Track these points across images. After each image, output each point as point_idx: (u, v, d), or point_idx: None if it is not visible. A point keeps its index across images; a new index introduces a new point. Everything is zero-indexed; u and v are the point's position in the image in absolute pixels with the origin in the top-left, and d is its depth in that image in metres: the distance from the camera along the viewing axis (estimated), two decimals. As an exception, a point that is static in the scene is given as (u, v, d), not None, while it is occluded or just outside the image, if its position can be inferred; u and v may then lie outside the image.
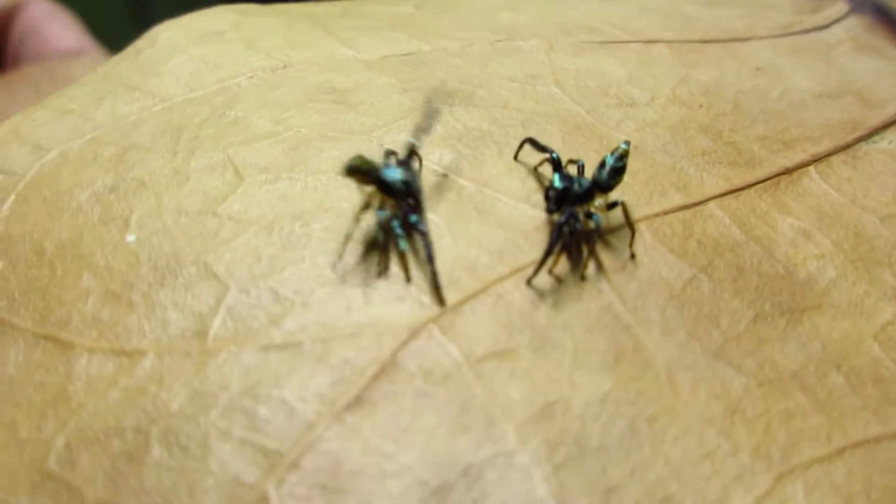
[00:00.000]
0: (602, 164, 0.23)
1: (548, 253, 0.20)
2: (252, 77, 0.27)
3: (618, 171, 0.22)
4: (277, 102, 0.26)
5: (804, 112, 0.27)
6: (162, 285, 0.20)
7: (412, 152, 0.23)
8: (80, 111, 0.26)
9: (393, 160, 0.23)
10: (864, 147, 0.26)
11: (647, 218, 0.22)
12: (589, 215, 0.21)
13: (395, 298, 0.20)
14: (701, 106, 0.27)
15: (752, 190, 0.24)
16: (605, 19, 0.32)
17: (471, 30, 0.31)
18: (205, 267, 0.20)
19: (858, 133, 0.26)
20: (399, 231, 0.21)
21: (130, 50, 0.29)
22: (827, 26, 0.32)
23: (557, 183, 0.22)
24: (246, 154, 0.24)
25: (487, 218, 0.22)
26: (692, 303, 0.20)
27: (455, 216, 0.22)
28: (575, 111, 0.26)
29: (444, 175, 0.23)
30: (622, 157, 0.22)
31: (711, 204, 0.23)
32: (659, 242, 0.21)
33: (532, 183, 0.23)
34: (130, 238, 0.21)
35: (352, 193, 0.23)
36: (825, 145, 0.26)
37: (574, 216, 0.21)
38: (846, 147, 0.26)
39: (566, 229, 0.20)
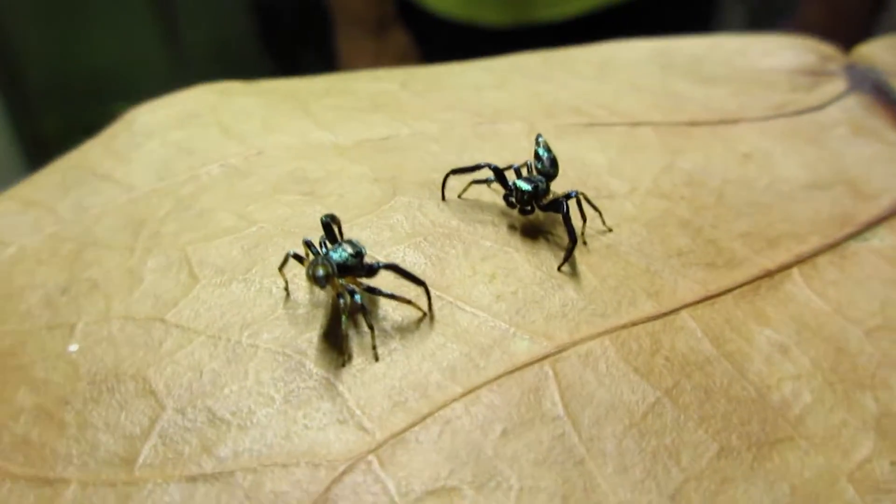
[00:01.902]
0: (538, 158, 0.25)
1: (573, 242, 0.22)
2: (223, 165, 0.27)
3: (554, 160, 0.25)
4: (245, 194, 0.25)
5: (792, 204, 0.26)
6: (97, 402, 0.19)
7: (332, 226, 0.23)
8: (44, 203, 0.25)
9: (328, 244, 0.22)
10: (854, 245, 0.25)
11: (614, 330, 0.21)
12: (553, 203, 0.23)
13: (337, 421, 0.19)
14: (682, 198, 0.26)
15: (729, 296, 0.23)
16: (594, 99, 0.31)
17: (453, 110, 0.30)
18: (143, 383, 0.20)
19: (848, 230, 0.25)
20: (360, 301, 0.20)
21: (106, 133, 0.29)
22: (823, 106, 0.31)
23: (525, 186, 0.24)
24: (204, 252, 0.23)
25: (444, 328, 0.21)
26: (653, 433, 0.19)
27: (410, 328, 0.21)
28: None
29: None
30: (547, 147, 0.25)
31: (684, 313, 0.22)
32: (623, 360, 0.20)
33: (497, 286, 0.22)
34: (73, 348, 0.21)
35: (308, 297, 0.22)
36: (812, 243, 0.24)
37: (568, 201, 0.23)
38: (834, 245, 0.24)
39: (566, 208, 0.22)
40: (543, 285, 0.22)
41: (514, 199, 0.24)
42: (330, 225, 0.23)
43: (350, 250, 0.22)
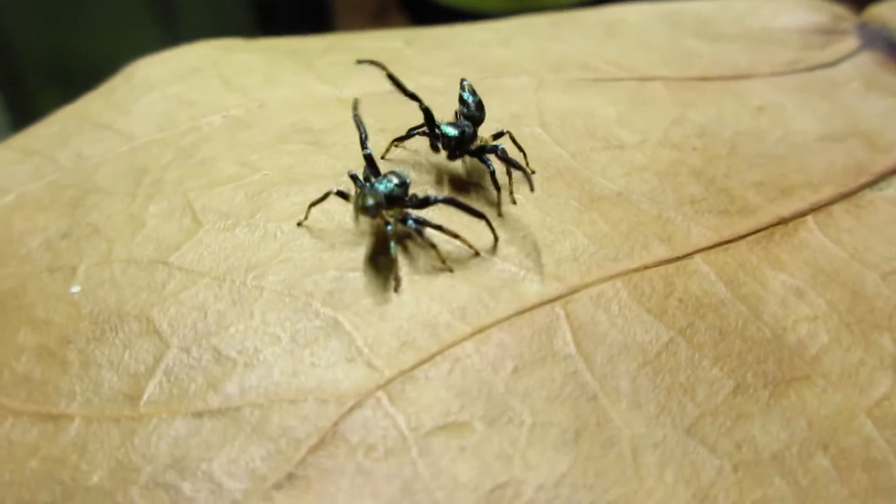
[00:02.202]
0: (463, 102, 0.25)
1: (498, 190, 0.22)
2: (225, 116, 0.26)
3: (480, 104, 0.24)
4: (247, 143, 0.25)
5: (805, 156, 0.26)
6: (100, 342, 0.19)
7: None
8: (44, 151, 0.25)
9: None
10: (869, 195, 0.24)
11: (626, 273, 0.21)
12: (490, 148, 0.23)
13: (345, 360, 0.18)
14: (694, 149, 0.26)
15: (742, 242, 0.22)
16: (601, 55, 0.31)
17: (459, 65, 0.30)
18: (147, 322, 0.19)
19: (863, 179, 0.25)
20: (413, 226, 0.20)
21: (105, 87, 0.28)
22: (836, 63, 0.30)
23: (452, 131, 0.23)
24: (207, 199, 0.23)
25: (453, 277, 0.20)
26: (667, 370, 0.18)
27: (418, 269, 0.20)
28: (558, 154, 0.25)
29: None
30: (472, 90, 0.24)
31: (697, 258, 0.21)
32: (636, 301, 0.20)
33: (505, 231, 0.22)
34: (75, 289, 0.20)
35: (314, 242, 0.21)
36: (826, 192, 0.24)
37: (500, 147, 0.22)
38: (849, 195, 0.24)
39: (503, 154, 0.22)
40: (553, 230, 0.22)
41: (440, 145, 0.23)
42: (372, 157, 0.22)
43: (396, 180, 0.21)
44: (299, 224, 0.22)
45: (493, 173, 0.22)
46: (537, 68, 0.30)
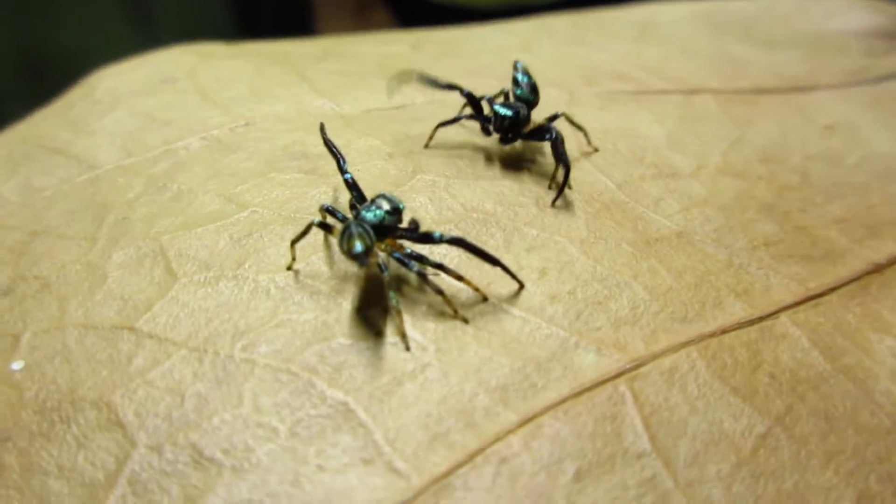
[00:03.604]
0: (516, 83, 0.23)
1: (566, 173, 0.20)
2: (205, 138, 0.22)
3: (534, 85, 0.23)
4: (232, 172, 0.21)
5: (891, 185, 0.22)
6: (47, 438, 0.15)
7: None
8: (-15, 182, 0.21)
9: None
10: (971, 233, 0.20)
11: (701, 339, 0.17)
12: (546, 129, 0.21)
13: (361, 461, 0.15)
14: (760, 177, 0.22)
15: (833, 296, 0.18)
16: (639, 63, 0.27)
17: (476, 76, 0.26)
18: (108, 410, 0.15)
19: (962, 214, 0.21)
20: (415, 268, 0.17)
21: (63, 100, 0.24)
22: (906, 72, 0.27)
23: (506, 111, 0.21)
24: (184, 243, 0.19)
25: (489, 337, 0.17)
26: (768, 474, 0.15)
27: (446, 335, 0.17)
28: (602, 184, 0.21)
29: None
30: (526, 71, 0.23)
31: (783, 317, 0.18)
32: (717, 377, 0.16)
33: (550, 284, 0.18)
34: (16, 366, 0.16)
35: (315, 299, 0.17)
36: (921, 231, 0.20)
37: (555, 130, 0.20)
38: (948, 233, 0.20)
39: (555, 134, 0.20)
40: (606, 282, 0.18)
41: (493, 127, 0.22)
42: (355, 182, 0.19)
43: (386, 206, 0.18)
44: (289, 268, 0.18)
45: (555, 141, 0.20)
46: (567, 78, 0.26)
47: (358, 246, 0.17)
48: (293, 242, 0.18)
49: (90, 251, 0.18)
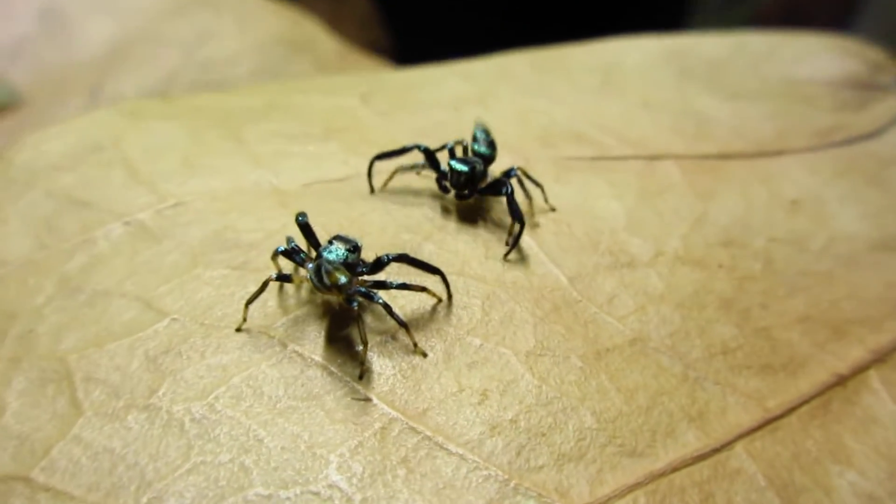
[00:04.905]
0: (475, 139, 0.23)
1: (520, 232, 0.20)
2: (128, 223, 0.21)
3: (492, 142, 0.22)
4: (154, 268, 0.19)
5: (857, 273, 0.21)
6: None
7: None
8: None
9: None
10: (941, 332, 0.19)
11: (650, 480, 0.16)
12: (502, 183, 0.21)
13: None
14: (721, 265, 0.20)
15: (793, 417, 0.17)
16: (599, 121, 0.25)
17: (428, 137, 0.24)
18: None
19: (932, 310, 0.20)
20: (380, 300, 0.18)
21: (-26, 178, 0.22)
22: (878, 133, 0.25)
23: (462, 167, 0.21)
24: (93, 364, 0.17)
25: (421, 483, 0.15)
26: None
27: (374, 480, 0.15)
28: (554, 279, 0.20)
29: (367, 399, 0.16)
30: (485, 129, 0.22)
31: (738, 447, 0.16)
32: (665, 530, 0.15)
33: (491, 409, 0.17)
34: None
35: (234, 433, 0.16)
36: (889, 331, 0.19)
37: (510, 186, 0.20)
38: (917, 334, 0.19)
39: (510, 189, 0.20)
40: (551, 407, 0.17)
41: (449, 183, 0.21)
42: (308, 225, 0.19)
43: (346, 246, 0.19)
44: (238, 329, 0.18)
45: (510, 196, 0.20)
46: (523, 141, 0.24)
47: (342, 278, 0.17)
48: (248, 303, 0.18)
49: (-11, 375, 0.17)
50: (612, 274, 0.20)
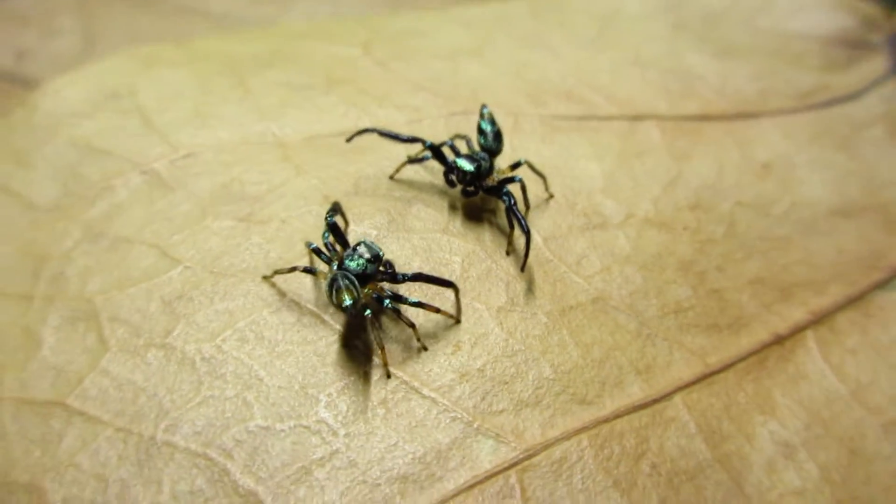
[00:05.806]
0: (481, 132, 0.23)
1: (528, 242, 0.20)
2: (145, 172, 0.23)
3: (499, 134, 0.23)
4: (168, 217, 0.21)
5: (813, 239, 0.22)
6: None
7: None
8: (-71, 227, 0.21)
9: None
10: (879, 297, 0.21)
11: (595, 425, 0.18)
12: (506, 182, 0.21)
13: (267, 552, 0.16)
14: (686, 228, 0.22)
15: (731, 372, 0.19)
16: (589, 79, 0.26)
17: (424, 91, 0.26)
18: (38, 496, 0.17)
19: (875, 276, 0.21)
20: (389, 305, 0.19)
21: (3, 125, 0.24)
22: (859, 94, 0.26)
23: (468, 165, 0.22)
24: (116, 306, 0.20)
25: (397, 421, 0.18)
26: (631, 575, 0.16)
27: (356, 418, 0.18)
28: (531, 239, 0.22)
29: (354, 347, 0.19)
30: (492, 120, 0.23)
31: (677, 398, 0.19)
32: (602, 469, 0.17)
33: (462, 358, 0.19)
34: (-43, 445, 0.17)
35: (238, 371, 0.19)
36: (831, 295, 0.21)
37: (507, 190, 0.21)
38: (857, 298, 0.21)
39: (513, 200, 0.20)
40: (515, 358, 0.19)
41: (455, 179, 0.22)
42: (337, 226, 0.20)
43: (367, 255, 0.19)
44: (265, 278, 0.20)
45: (509, 209, 0.21)
46: (514, 98, 0.26)
47: (347, 300, 0.18)
48: (273, 274, 0.20)
49: (27, 313, 0.19)
50: (583, 235, 0.22)
